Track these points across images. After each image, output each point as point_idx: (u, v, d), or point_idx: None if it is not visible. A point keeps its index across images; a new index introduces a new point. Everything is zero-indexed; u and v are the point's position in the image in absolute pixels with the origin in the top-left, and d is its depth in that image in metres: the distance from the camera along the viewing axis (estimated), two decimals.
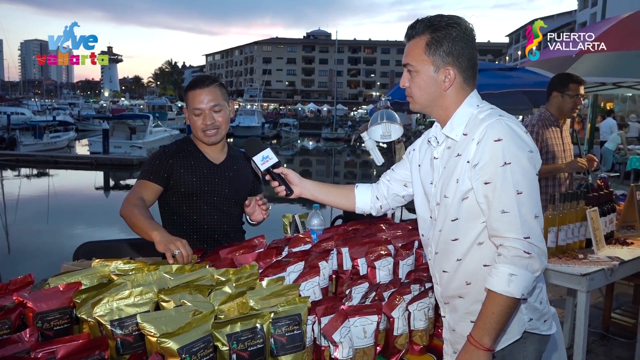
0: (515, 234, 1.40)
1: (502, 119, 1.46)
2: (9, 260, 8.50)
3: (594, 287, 2.73)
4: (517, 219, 1.40)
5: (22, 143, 24.46)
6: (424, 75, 1.56)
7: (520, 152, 1.43)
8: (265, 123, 46.18)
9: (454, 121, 1.57)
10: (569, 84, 3.51)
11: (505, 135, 1.43)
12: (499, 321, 1.43)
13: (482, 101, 1.60)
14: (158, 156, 2.35)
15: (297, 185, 1.92)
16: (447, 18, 1.54)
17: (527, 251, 1.39)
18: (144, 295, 1.46)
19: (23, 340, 1.33)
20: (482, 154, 1.45)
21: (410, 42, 1.59)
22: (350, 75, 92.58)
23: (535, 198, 1.44)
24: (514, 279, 1.39)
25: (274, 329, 1.43)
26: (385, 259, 2.02)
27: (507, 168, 1.41)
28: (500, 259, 1.43)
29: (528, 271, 1.40)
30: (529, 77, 5.68)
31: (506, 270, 1.40)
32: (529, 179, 1.43)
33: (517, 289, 1.40)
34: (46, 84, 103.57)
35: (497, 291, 1.41)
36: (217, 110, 2.32)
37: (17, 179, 19.89)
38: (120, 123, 26.51)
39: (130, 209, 2.13)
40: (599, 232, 3.03)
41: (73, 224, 11.71)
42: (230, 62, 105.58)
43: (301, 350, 1.46)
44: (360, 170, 26.88)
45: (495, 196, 1.43)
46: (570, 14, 48.39)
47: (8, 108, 37.80)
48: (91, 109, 61.08)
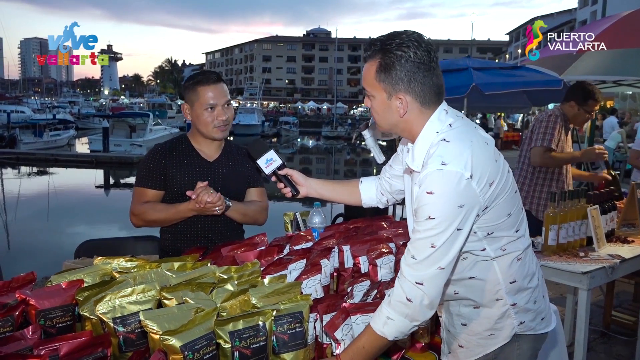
0: (410, 277, 1.40)
1: (441, 170, 1.36)
2: (10, 258, 8.50)
3: (595, 285, 2.73)
4: (419, 266, 1.39)
5: (22, 141, 24.51)
6: (379, 101, 1.50)
7: (447, 207, 1.36)
8: (265, 121, 46.19)
9: (414, 152, 1.50)
10: (589, 101, 3.58)
11: (437, 189, 1.36)
12: (366, 355, 1.46)
13: (443, 123, 1.47)
14: (152, 158, 2.33)
15: (303, 185, 1.92)
16: (399, 39, 1.42)
17: (409, 299, 1.39)
18: (146, 292, 1.46)
19: (26, 337, 1.34)
20: (416, 201, 1.42)
21: (365, 65, 1.52)
22: (350, 73, 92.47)
23: (447, 252, 1.39)
24: (390, 322, 1.42)
25: (276, 326, 1.43)
26: (387, 257, 2.02)
27: (429, 221, 1.38)
28: (386, 298, 1.47)
29: (407, 319, 1.41)
30: (533, 76, 5.68)
31: (385, 312, 1.43)
32: (449, 234, 1.37)
33: (391, 332, 1.43)
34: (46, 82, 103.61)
35: (373, 328, 1.45)
36: (228, 106, 2.35)
37: (17, 177, 19.88)
38: (120, 121, 26.54)
39: (144, 210, 2.24)
40: (600, 230, 3.03)
41: (73, 222, 11.71)
42: (230, 60, 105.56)
43: (303, 348, 1.47)
44: (360, 169, 26.87)
45: (413, 240, 1.43)
46: (571, 12, 48.35)
47: (8, 106, 37.85)
48: (91, 107, 61.15)
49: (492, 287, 1.54)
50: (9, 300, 1.46)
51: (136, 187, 2.33)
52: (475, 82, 5.41)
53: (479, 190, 1.39)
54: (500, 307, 1.55)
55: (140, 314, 1.29)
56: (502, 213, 1.48)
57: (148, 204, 2.28)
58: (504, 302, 1.55)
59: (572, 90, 3.69)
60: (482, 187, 1.40)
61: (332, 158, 32.54)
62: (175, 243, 2.35)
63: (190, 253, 1.97)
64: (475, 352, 1.61)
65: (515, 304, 1.55)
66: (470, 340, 1.61)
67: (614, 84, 5.93)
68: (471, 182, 1.36)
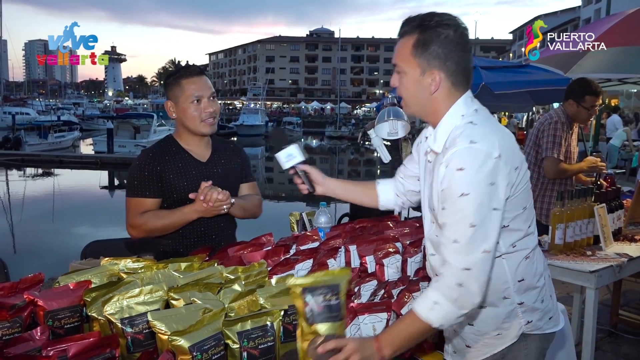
0: (458, 262, 1.37)
1: (470, 147, 1.37)
2: (16, 259, 8.53)
3: (602, 283, 2.71)
4: (464, 249, 1.36)
5: (27, 143, 24.64)
6: (411, 78, 1.49)
7: (480, 183, 1.35)
8: (268, 122, 46.29)
9: (437, 133, 1.51)
10: (585, 96, 3.52)
11: (468, 165, 1.35)
12: (407, 341, 1.42)
13: (469, 107, 1.50)
14: (145, 166, 2.21)
15: (321, 184, 1.88)
16: (439, 17, 1.45)
17: (460, 283, 1.36)
18: (154, 293, 1.47)
19: (34, 338, 1.34)
20: (445, 180, 1.40)
21: (399, 41, 1.51)
22: (353, 73, 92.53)
23: (488, 232, 1.37)
24: (436, 308, 1.37)
25: (312, 297, 1.37)
26: (394, 257, 2.01)
27: (463, 199, 1.36)
28: (432, 283, 1.42)
29: (455, 306, 1.37)
30: (540, 75, 5.61)
31: (433, 297, 1.38)
32: (486, 213, 1.36)
33: (437, 318, 1.37)
34: (50, 84, 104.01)
35: (417, 312, 1.39)
36: (214, 98, 2.26)
37: (23, 178, 19.97)
38: (125, 122, 26.60)
39: (144, 220, 2.15)
40: (607, 228, 3.01)
41: (79, 223, 11.75)
42: (233, 61, 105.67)
43: (338, 321, 1.41)
44: (363, 168, 26.87)
45: (450, 224, 1.39)
46: (574, 10, 48.13)
47: (13, 108, 38.13)
48: (95, 109, 61.42)
49: (500, 285, 1.53)
50: (17, 301, 1.46)
51: (131, 199, 2.20)
52: (485, 81, 5.35)
53: (507, 173, 1.40)
54: (507, 306, 1.54)
55: (148, 315, 1.30)
56: (520, 204, 1.49)
57: (149, 213, 2.17)
58: (511, 300, 1.54)
59: (570, 88, 3.65)
60: (509, 171, 1.41)
61: (336, 158, 32.51)
62: (177, 247, 2.25)
63: (196, 254, 1.97)
64: (482, 352, 1.60)
65: (522, 302, 1.54)
66: (477, 340, 1.60)
67: (618, 81, 5.89)
68: (500, 161, 1.38)
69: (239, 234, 2.47)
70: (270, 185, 20.32)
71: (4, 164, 20.86)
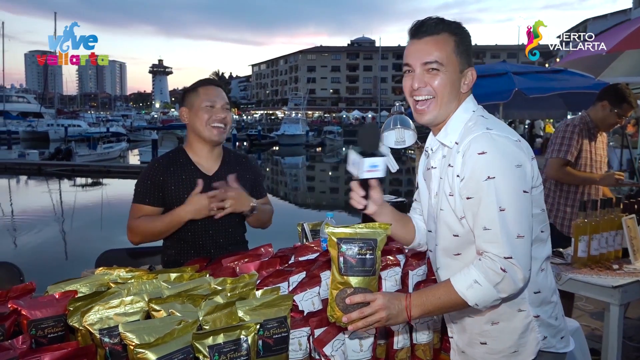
0: (497, 251, 1.31)
1: (488, 132, 1.38)
2: (66, 268, 8.77)
3: (627, 299, 2.55)
4: (499, 237, 1.31)
5: (78, 154, 25.67)
6: (450, 75, 1.46)
7: (506, 165, 1.33)
8: (309, 131, 46.52)
9: (448, 127, 1.50)
10: (623, 104, 3.40)
11: (490, 148, 1.34)
12: (437, 308, 1.38)
13: (476, 105, 1.53)
14: (149, 175, 2.27)
15: (378, 206, 1.63)
16: (456, 22, 1.52)
17: (503, 269, 1.30)
18: (134, 304, 1.46)
19: (15, 347, 1.35)
20: (466, 167, 1.37)
21: (431, 39, 1.46)
22: (394, 81, 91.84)
23: (520, 216, 1.33)
24: (476, 287, 1.32)
25: (345, 249, 1.35)
26: (393, 269, 1.95)
27: (490, 182, 1.32)
28: (476, 262, 1.35)
29: (494, 288, 1.31)
30: (576, 80, 5.42)
31: (474, 274, 1.33)
32: (515, 195, 1.33)
33: (474, 297, 1.33)
34: (101, 97, 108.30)
35: (454, 286, 1.35)
36: (227, 109, 2.35)
37: (73, 188, 20.78)
38: (169, 133, 27.42)
39: (138, 223, 2.21)
40: (636, 241, 2.84)
41: (123, 231, 12.03)
42: (275, 72, 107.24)
43: (370, 276, 1.37)
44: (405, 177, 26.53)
45: (479, 212, 1.34)
46: (625, 13, 46.15)
47: (65, 120, 39.90)
48: (143, 120, 63.52)
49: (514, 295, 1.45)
50: (3, 310, 1.49)
51: (133, 204, 2.27)
52: (518, 86, 5.22)
53: (530, 158, 1.41)
54: (523, 319, 1.47)
55: (120, 326, 1.29)
56: (538, 203, 1.46)
57: (143, 217, 2.23)
58: (526, 313, 1.46)
59: (607, 90, 3.49)
60: (530, 158, 1.42)
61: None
62: (179, 259, 2.27)
63: (193, 263, 1.97)
64: None
65: (538, 315, 1.47)
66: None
67: None
68: (521, 144, 1.39)
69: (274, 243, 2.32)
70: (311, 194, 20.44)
71: (56, 174, 21.81)
